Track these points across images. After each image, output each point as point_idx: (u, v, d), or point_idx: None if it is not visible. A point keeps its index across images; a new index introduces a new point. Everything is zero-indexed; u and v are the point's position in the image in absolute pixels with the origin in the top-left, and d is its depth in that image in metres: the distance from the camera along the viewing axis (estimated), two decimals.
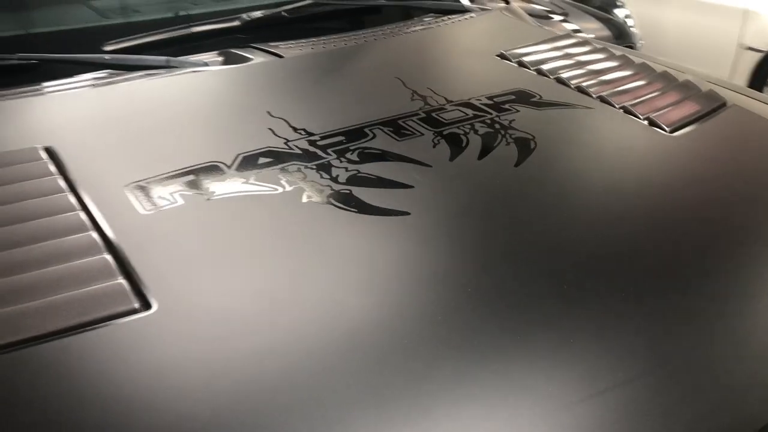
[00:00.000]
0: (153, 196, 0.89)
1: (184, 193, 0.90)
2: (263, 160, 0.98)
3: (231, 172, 0.95)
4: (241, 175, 0.94)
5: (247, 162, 0.97)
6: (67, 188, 0.89)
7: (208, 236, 0.85)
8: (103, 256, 0.78)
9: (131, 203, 0.88)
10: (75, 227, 0.82)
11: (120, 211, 0.86)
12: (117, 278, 0.75)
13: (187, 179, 0.93)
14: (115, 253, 0.79)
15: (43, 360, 0.67)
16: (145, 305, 0.73)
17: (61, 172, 0.92)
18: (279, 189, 0.92)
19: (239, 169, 0.96)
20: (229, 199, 0.90)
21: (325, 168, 0.96)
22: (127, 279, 0.76)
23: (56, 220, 0.83)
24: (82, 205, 0.87)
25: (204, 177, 0.94)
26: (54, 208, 0.85)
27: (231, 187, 0.92)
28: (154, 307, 0.73)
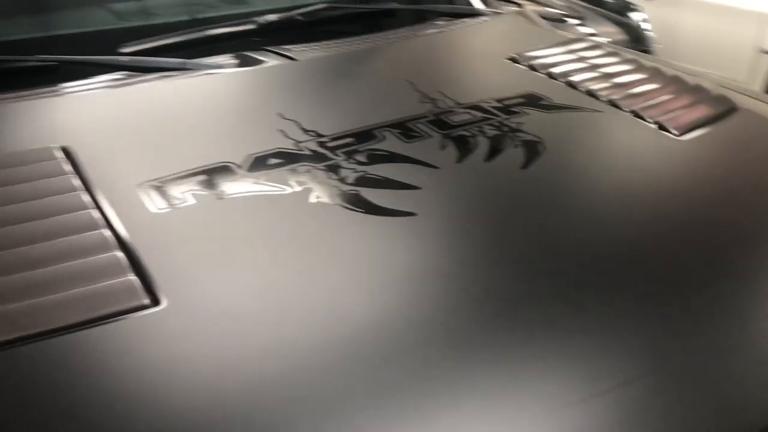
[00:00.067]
0: (165, 196, 0.91)
1: (195, 192, 0.92)
2: (274, 160, 1.00)
3: (242, 173, 0.97)
4: (251, 176, 0.96)
5: (258, 162, 0.99)
6: (81, 187, 0.91)
7: (217, 235, 0.86)
8: (115, 254, 0.80)
9: (143, 202, 0.90)
10: (88, 225, 0.84)
11: (132, 210, 0.88)
12: (128, 275, 0.77)
13: (198, 179, 0.95)
14: (126, 250, 0.81)
15: (55, 353, 0.69)
16: (155, 301, 0.75)
17: (75, 171, 0.95)
18: (288, 189, 0.94)
19: (250, 169, 0.97)
20: (239, 199, 0.92)
21: (333, 169, 0.98)
22: (137, 276, 0.77)
23: (70, 218, 0.85)
24: (95, 203, 0.89)
25: (215, 177, 0.95)
26: (68, 206, 0.88)
27: (241, 187, 0.94)
28: (164, 304, 0.74)
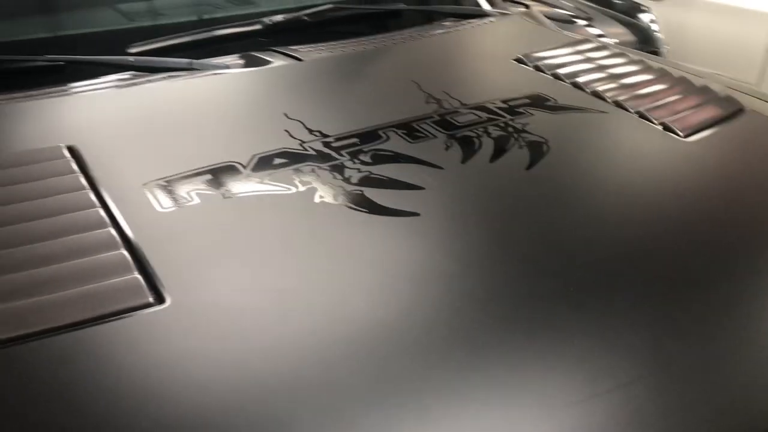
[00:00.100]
0: (170, 195, 0.92)
1: (200, 191, 0.93)
2: (278, 160, 1.00)
3: (247, 172, 0.97)
4: (256, 175, 0.97)
5: (263, 162, 1.00)
6: (87, 186, 0.92)
7: (222, 234, 0.87)
8: (120, 252, 0.81)
9: (149, 201, 0.91)
10: (94, 223, 0.85)
11: (138, 209, 0.89)
12: (133, 273, 0.78)
13: (204, 178, 0.96)
14: (131, 249, 0.82)
15: (60, 350, 0.70)
16: (159, 299, 0.75)
17: (82, 170, 0.95)
18: (292, 189, 0.94)
19: (255, 169, 0.98)
20: (243, 198, 0.92)
21: (338, 169, 0.98)
22: (142, 274, 0.78)
23: (76, 217, 0.86)
24: (101, 202, 0.89)
25: (221, 176, 0.96)
26: (74, 204, 0.88)
27: (246, 186, 0.94)
28: (168, 302, 0.75)
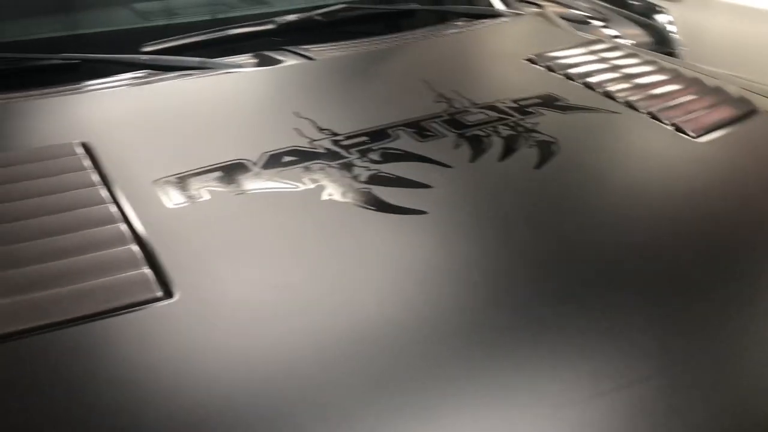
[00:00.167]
0: (181, 191, 0.93)
1: (210, 188, 0.94)
2: (288, 158, 1.01)
3: (256, 170, 0.98)
4: (265, 173, 0.97)
5: (273, 160, 1.00)
6: (99, 182, 0.93)
7: (231, 231, 0.88)
8: (130, 247, 0.82)
9: (160, 197, 0.92)
10: (105, 219, 0.86)
11: (148, 205, 0.90)
12: (142, 268, 0.79)
13: (214, 176, 0.96)
14: (141, 244, 0.83)
15: (70, 343, 0.71)
16: (168, 294, 0.76)
17: (95, 167, 0.97)
18: (301, 186, 0.95)
19: (264, 166, 0.99)
20: (252, 196, 0.93)
21: (347, 167, 0.99)
22: (151, 269, 0.79)
23: (88, 212, 0.87)
24: (113, 198, 0.90)
25: (230, 174, 0.97)
26: (86, 200, 0.90)
27: (255, 184, 0.95)
28: (176, 296, 0.76)
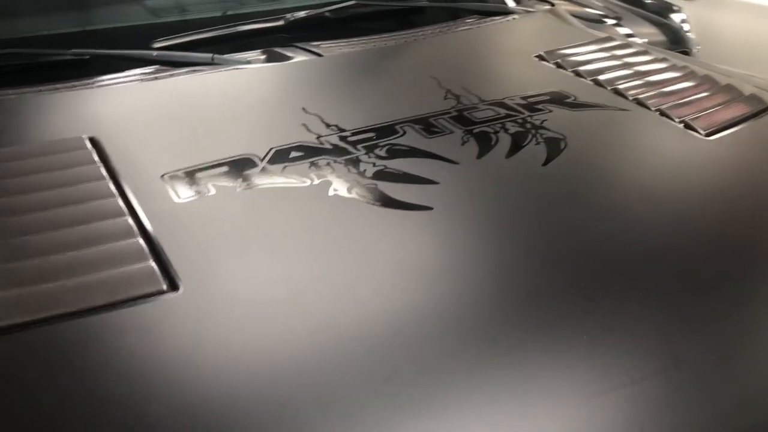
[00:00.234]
0: (187, 186, 0.93)
1: (217, 183, 0.94)
2: (294, 154, 1.01)
3: (263, 165, 0.98)
4: (272, 168, 0.98)
5: (279, 156, 1.01)
6: (107, 176, 0.94)
7: (236, 225, 0.88)
8: (136, 240, 0.82)
9: (167, 191, 0.92)
10: (112, 212, 0.87)
11: (155, 199, 0.90)
12: (148, 261, 0.79)
13: (220, 171, 0.97)
14: (148, 237, 0.83)
15: (76, 334, 0.71)
16: (173, 287, 0.77)
17: (102, 161, 0.97)
18: (307, 182, 0.95)
19: (271, 162, 0.99)
20: (258, 191, 0.93)
21: (353, 163, 0.99)
22: (157, 262, 0.80)
23: (95, 206, 0.88)
24: (120, 192, 0.91)
25: (237, 169, 0.97)
26: (94, 194, 0.90)
27: (261, 179, 0.96)
28: (181, 289, 0.76)
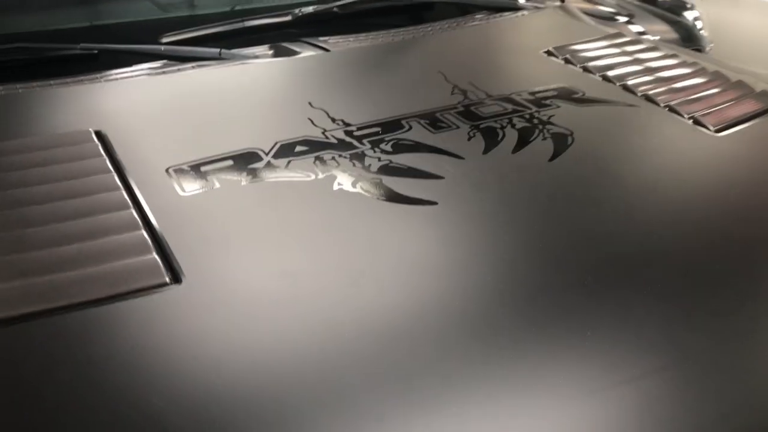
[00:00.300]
0: (192, 179, 0.93)
1: (221, 177, 0.94)
2: (300, 148, 1.01)
3: (268, 159, 0.98)
4: (277, 162, 0.98)
5: (284, 150, 1.00)
6: (112, 169, 0.94)
7: (240, 219, 0.88)
8: (140, 233, 0.82)
9: (171, 185, 0.92)
10: (117, 205, 0.87)
11: (160, 192, 0.91)
12: (151, 253, 0.79)
13: (225, 164, 0.97)
14: (151, 230, 0.83)
15: (78, 326, 0.71)
16: (176, 280, 0.77)
17: (108, 154, 0.98)
18: (312, 176, 0.95)
19: (276, 156, 0.99)
20: (263, 185, 0.93)
21: (358, 157, 0.99)
22: (160, 255, 0.80)
23: (100, 198, 0.88)
24: (125, 184, 0.91)
25: (242, 163, 0.97)
26: (99, 186, 0.90)
27: (266, 173, 0.95)
28: (184, 282, 0.76)
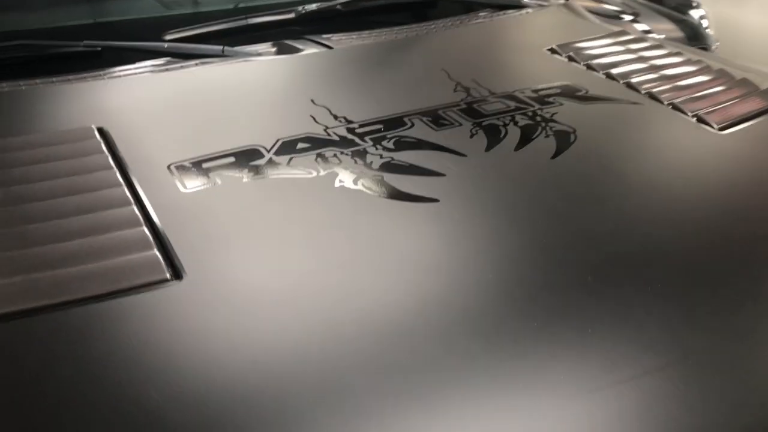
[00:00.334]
0: (194, 176, 0.93)
1: (223, 174, 0.94)
2: (301, 145, 1.01)
3: (269, 156, 0.98)
4: (278, 159, 0.98)
5: (286, 147, 1.00)
6: (114, 165, 0.94)
7: (241, 216, 0.88)
8: (141, 229, 0.83)
9: (173, 181, 0.92)
10: (118, 201, 0.87)
11: (161, 189, 0.91)
12: (152, 250, 0.80)
13: (227, 161, 0.97)
14: (152, 226, 0.83)
15: (79, 321, 0.72)
16: (177, 276, 0.77)
17: (110, 151, 0.98)
18: (313, 173, 0.95)
19: (277, 153, 0.99)
20: (264, 182, 0.93)
21: (360, 155, 0.99)
22: (161, 251, 0.80)
23: (102, 195, 0.88)
24: (127, 181, 0.91)
25: (243, 160, 0.97)
26: (101, 183, 0.91)
27: (268, 170, 0.95)
28: (185, 279, 0.76)
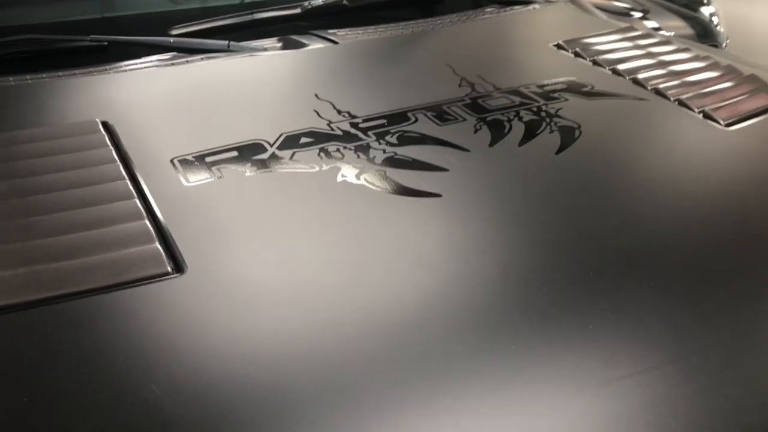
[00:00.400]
0: (197, 170, 0.94)
1: (226, 168, 0.94)
2: (305, 139, 1.01)
3: (272, 150, 0.98)
4: (281, 153, 0.98)
5: (289, 141, 1.00)
6: (118, 159, 0.95)
7: (243, 210, 0.88)
8: (144, 222, 0.83)
9: (176, 175, 0.93)
10: (121, 195, 0.87)
11: (164, 182, 0.91)
12: (154, 243, 0.80)
13: (230, 155, 0.97)
14: (155, 220, 0.84)
15: (80, 314, 0.72)
16: (178, 269, 0.77)
17: (114, 144, 0.98)
18: (316, 167, 0.95)
19: (281, 147, 0.99)
20: (267, 176, 0.93)
21: (363, 149, 0.98)
22: (163, 244, 0.80)
23: (105, 188, 0.89)
24: (130, 175, 0.92)
25: (247, 154, 0.97)
26: (104, 176, 0.91)
27: (271, 164, 0.95)
28: (187, 272, 0.76)
